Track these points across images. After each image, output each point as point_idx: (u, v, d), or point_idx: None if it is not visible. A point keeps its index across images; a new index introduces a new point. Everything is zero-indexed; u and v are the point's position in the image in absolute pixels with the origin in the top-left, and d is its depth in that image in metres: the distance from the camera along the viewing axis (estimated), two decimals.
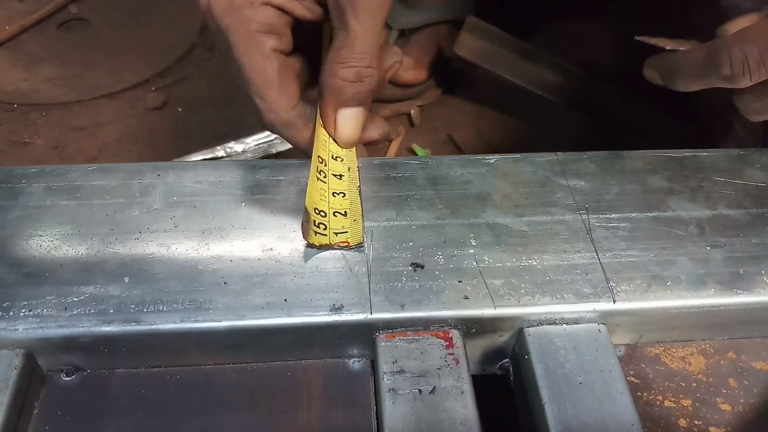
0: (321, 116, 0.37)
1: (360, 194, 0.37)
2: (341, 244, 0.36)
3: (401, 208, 0.38)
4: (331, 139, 0.37)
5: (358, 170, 0.37)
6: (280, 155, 0.90)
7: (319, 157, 0.37)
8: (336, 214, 0.36)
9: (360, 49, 0.35)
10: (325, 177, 0.36)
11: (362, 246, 0.36)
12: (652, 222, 0.38)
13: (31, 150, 0.92)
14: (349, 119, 0.36)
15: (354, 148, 0.38)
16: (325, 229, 0.36)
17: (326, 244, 0.36)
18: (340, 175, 0.36)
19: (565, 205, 0.39)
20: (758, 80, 0.39)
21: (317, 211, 0.36)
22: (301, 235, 0.36)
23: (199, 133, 0.94)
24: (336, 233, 0.36)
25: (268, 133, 0.90)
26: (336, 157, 0.37)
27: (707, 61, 0.40)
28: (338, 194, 0.36)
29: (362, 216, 0.36)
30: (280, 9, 0.37)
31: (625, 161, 0.42)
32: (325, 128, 0.37)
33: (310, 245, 0.36)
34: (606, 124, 0.87)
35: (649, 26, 0.50)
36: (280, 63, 0.37)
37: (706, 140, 0.74)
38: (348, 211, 0.36)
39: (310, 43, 0.41)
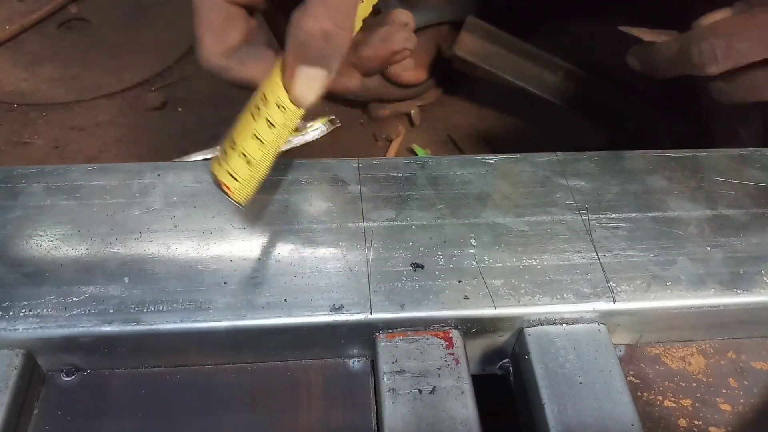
0: (282, 65, 0.35)
1: (273, 159, 0.35)
2: (225, 187, 0.34)
3: (401, 208, 0.38)
4: (283, 88, 0.34)
5: (292, 137, 0.35)
6: (279, 155, 0.89)
7: (264, 94, 0.35)
8: (243, 155, 0.34)
9: (332, 5, 0.33)
10: (258, 116, 0.34)
11: (242, 207, 0.35)
12: (652, 222, 0.38)
13: (31, 150, 0.92)
14: (310, 78, 0.34)
15: (300, 113, 0.35)
16: (224, 161, 0.34)
17: (214, 176, 0.35)
18: (273, 125, 0.34)
19: (565, 205, 0.39)
20: (725, 69, 0.43)
21: (230, 140, 0.34)
22: (302, 235, 0.36)
23: (199, 133, 0.94)
24: (229, 173, 0.34)
25: None
26: (280, 106, 0.34)
27: (680, 52, 0.45)
28: (257, 139, 0.34)
29: (260, 181, 0.35)
30: None
31: (625, 161, 0.42)
32: (282, 77, 0.34)
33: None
34: (606, 124, 0.87)
35: (649, 26, 0.51)
36: (228, 13, 0.36)
37: (706, 140, 0.74)
38: (253, 161, 0.34)
39: None
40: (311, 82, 0.34)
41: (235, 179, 0.34)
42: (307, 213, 0.38)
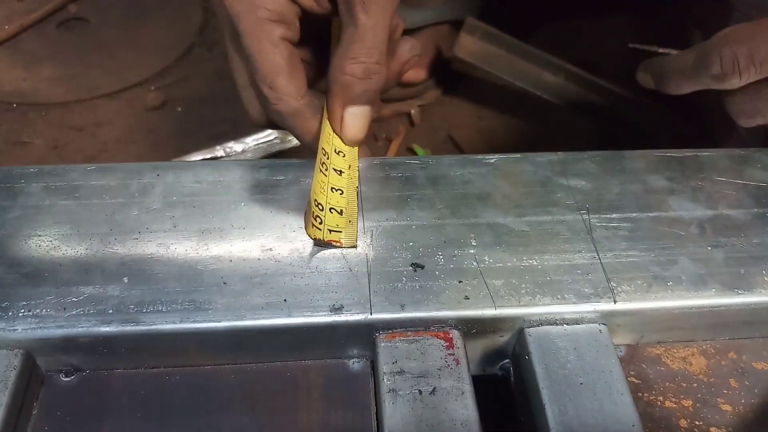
0: (328, 112, 0.37)
1: (357, 196, 0.37)
2: (334, 242, 0.36)
3: (401, 208, 0.38)
4: (335, 134, 0.37)
5: (358, 171, 0.37)
6: (279, 155, 0.89)
7: (323, 149, 0.37)
8: (332, 210, 0.36)
9: (369, 45, 0.35)
10: (326, 170, 0.36)
11: (354, 248, 0.36)
12: (653, 222, 0.38)
13: (30, 150, 0.92)
14: (357, 117, 0.36)
15: (356, 147, 0.38)
16: (320, 223, 0.36)
17: (320, 239, 0.36)
18: (341, 171, 0.36)
19: (566, 205, 0.39)
20: (749, 80, 0.39)
21: (316, 203, 0.36)
22: (301, 235, 0.36)
23: (199, 132, 0.94)
24: (330, 230, 0.36)
25: (267, 132, 0.90)
26: (338, 152, 0.36)
27: (698, 61, 0.40)
28: (336, 190, 0.36)
29: (357, 218, 0.36)
30: None
31: (625, 161, 0.42)
32: (331, 124, 0.37)
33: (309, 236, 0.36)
34: (606, 124, 0.87)
35: (650, 25, 0.50)
36: (289, 51, 0.37)
37: (707, 140, 0.74)
38: (344, 210, 0.36)
39: (317, 35, 0.40)
40: (359, 120, 0.36)
41: (338, 232, 0.36)
42: None
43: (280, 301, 0.33)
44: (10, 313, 0.32)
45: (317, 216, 0.36)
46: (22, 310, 0.32)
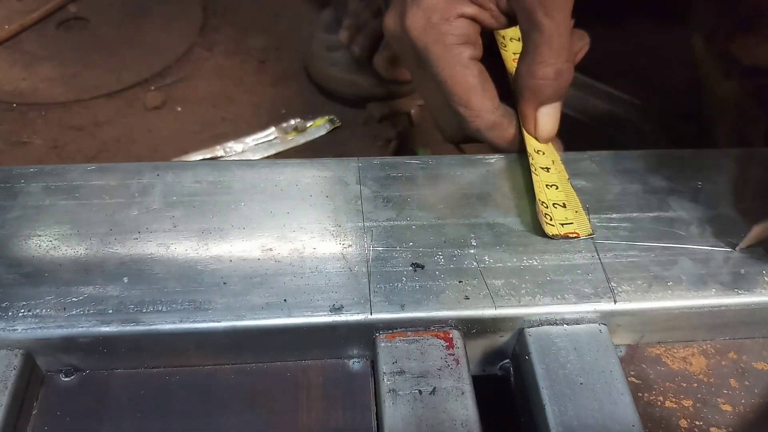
0: (520, 116, 0.38)
1: (571, 186, 0.38)
2: (570, 235, 0.36)
3: (401, 208, 0.38)
4: (529, 135, 0.38)
5: (562, 163, 0.38)
6: (279, 155, 0.89)
7: (527, 152, 0.38)
8: (555, 205, 0.37)
9: (557, 46, 0.36)
10: (535, 170, 0.38)
11: (593, 236, 0.36)
12: (653, 222, 0.38)
13: (29, 150, 0.92)
14: (549, 116, 0.38)
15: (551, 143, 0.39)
16: (551, 220, 0.36)
17: (557, 234, 0.36)
18: (547, 168, 0.38)
19: None
20: None
21: (542, 203, 0.37)
22: (301, 235, 0.36)
23: (199, 132, 0.94)
24: (562, 224, 0.36)
25: (267, 132, 0.90)
26: (538, 151, 0.38)
27: None
28: (551, 186, 0.37)
29: (582, 208, 0.37)
30: (473, 20, 0.38)
31: (626, 161, 0.42)
32: (524, 127, 0.38)
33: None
34: (606, 125, 0.87)
35: (649, 27, 0.50)
36: (479, 69, 0.38)
37: (707, 140, 0.74)
38: (566, 202, 0.37)
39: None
40: (552, 117, 0.38)
41: (570, 224, 0.36)
42: (307, 213, 0.38)
43: (280, 301, 0.33)
44: (10, 313, 0.32)
45: (546, 214, 0.36)
46: (22, 310, 0.32)
